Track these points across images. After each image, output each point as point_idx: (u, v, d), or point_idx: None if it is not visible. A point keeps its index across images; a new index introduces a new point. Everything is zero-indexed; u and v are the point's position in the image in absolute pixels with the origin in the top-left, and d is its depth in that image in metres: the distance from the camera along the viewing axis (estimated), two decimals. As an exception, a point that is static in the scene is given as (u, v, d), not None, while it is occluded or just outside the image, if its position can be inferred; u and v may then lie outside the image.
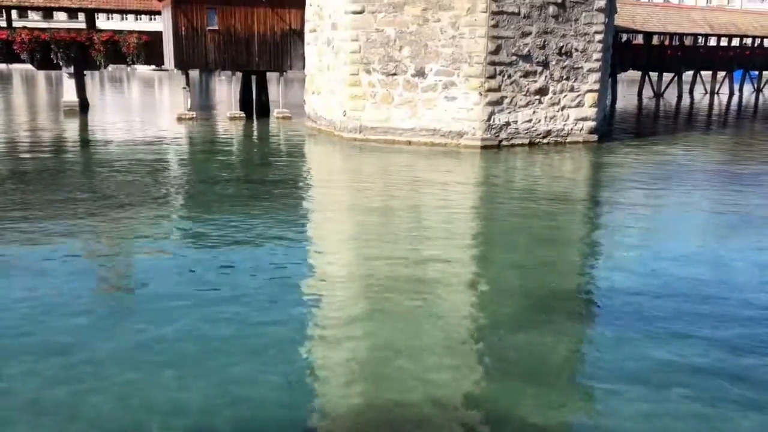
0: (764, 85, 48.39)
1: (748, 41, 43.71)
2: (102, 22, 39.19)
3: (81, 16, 35.42)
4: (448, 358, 6.16)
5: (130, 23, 60.91)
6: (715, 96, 43.23)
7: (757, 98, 43.22)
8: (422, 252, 9.32)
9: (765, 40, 43.31)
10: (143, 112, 31.06)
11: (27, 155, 17.15)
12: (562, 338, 6.69)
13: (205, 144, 19.86)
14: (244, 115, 25.17)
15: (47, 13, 54.81)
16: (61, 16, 57.56)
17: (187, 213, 11.58)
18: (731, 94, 44.75)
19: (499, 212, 12.16)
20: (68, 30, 25.39)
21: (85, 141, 20.08)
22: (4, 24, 25.92)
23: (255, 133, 22.87)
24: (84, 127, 23.09)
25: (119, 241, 9.64)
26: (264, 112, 26.64)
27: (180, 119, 24.28)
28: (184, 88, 24.75)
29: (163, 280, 8.01)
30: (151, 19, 47.16)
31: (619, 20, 28.90)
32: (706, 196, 13.77)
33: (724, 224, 11.60)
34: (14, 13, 27.72)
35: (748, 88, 48.02)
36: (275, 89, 27.13)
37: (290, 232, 10.37)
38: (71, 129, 22.50)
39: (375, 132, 19.25)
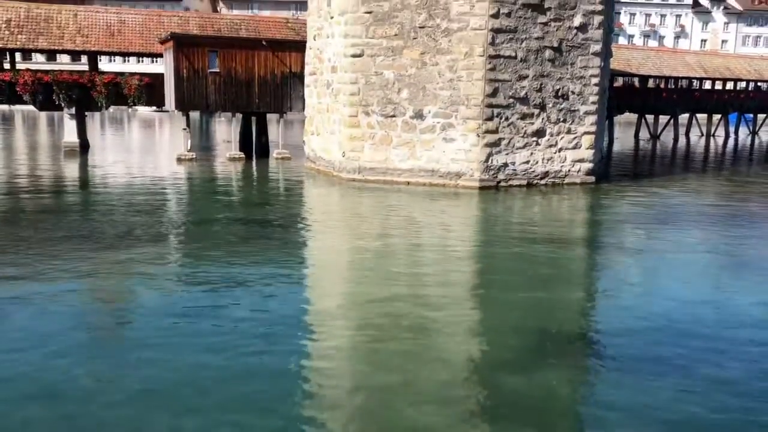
0: (759, 127, 48.88)
1: (742, 84, 44.33)
2: (104, 64, 39.76)
3: (84, 59, 35.89)
4: (445, 401, 6.06)
5: (132, 65, 61.76)
6: (712, 138, 43.62)
7: (752, 141, 43.60)
8: (420, 292, 9.26)
9: (758, 83, 43.92)
10: (143, 152, 31.24)
11: (26, 195, 17.17)
12: (561, 380, 6.59)
13: (204, 184, 19.92)
14: (243, 155, 25.32)
15: (51, 55, 55.52)
16: (64, 58, 58.33)
17: (183, 252, 11.54)
18: (727, 136, 45.20)
19: (497, 253, 12.13)
20: (71, 72, 25.71)
21: (84, 181, 20.14)
22: (8, 66, 26.28)
23: (254, 173, 22.97)
24: (84, 167, 23.18)
25: (114, 279, 9.58)
26: (264, 152, 26.82)
27: (180, 160, 24.40)
28: (184, 129, 24.94)
29: (157, 318, 7.94)
30: (153, 62, 47.79)
31: (615, 64, 29.33)
32: (704, 238, 13.77)
33: (723, 265, 11.57)
34: (18, 56, 28.06)
35: (743, 131, 48.51)
36: (275, 130, 27.35)
37: (287, 271, 10.32)
38: (71, 169, 22.59)
39: (374, 173, 19.34)
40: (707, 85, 42.48)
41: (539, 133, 19.24)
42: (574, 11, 19.12)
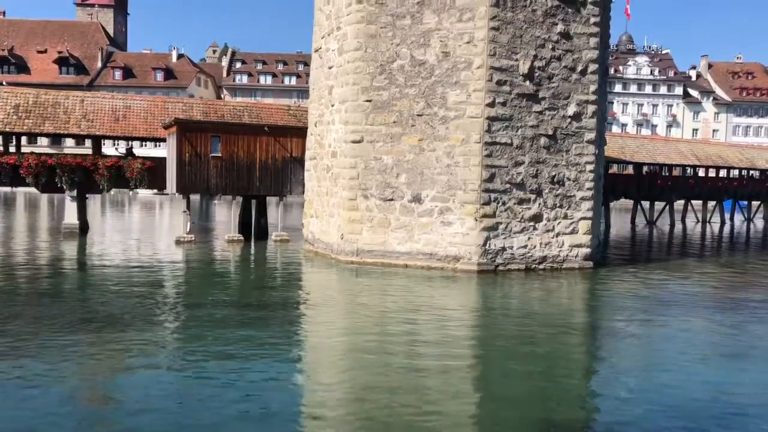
0: (754, 214, 49.36)
1: (735, 172, 45.12)
2: (108, 149, 40.41)
3: (88, 142, 36.57)
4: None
5: (135, 149, 62.79)
6: (708, 224, 43.95)
7: (748, 227, 43.91)
8: (418, 382, 9.08)
9: (751, 171, 44.71)
10: (142, 234, 31.33)
11: (22, 275, 17.10)
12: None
13: (201, 267, 19.88)
14: (242, 237, 25.41)
15: (55, 138, 56.58)
16: (68, 141, 59.44)
17: (177, 336, 11.39)
18: (723, 222, 45.56)
19: (496, 340, 11.98)
20: (74, 155, 26.16)
21: (81, 263, 20.11)
22: (13, 149, 26.75)
23: (252, 255, 22.97)
24: (82, 249, 23.19)
25: (105, 363, 9.41)
26: (263, 235, 26.93)
27: (178, 242, 24.46)
28: (185, 211, 25.13)
29: (148, 402, 7.74)
30: (156, 146, 48.70)
31: (609, 151, 29.94)
32: (704, 325, 13.64)
33: (724, 353, 11.41)
34: (24, 139, 28.61)
35: (738, 217, 48.95)
36: (274, 213, 27.56)
37: (284, 356, 10.15)
38: (69, 251, 22.59)
39: (372, 255, 19.36)
40: (701, 173, 43.23)
41: (536, 218, 19.41)
42: (568, 101, 19.68)
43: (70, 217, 26.23)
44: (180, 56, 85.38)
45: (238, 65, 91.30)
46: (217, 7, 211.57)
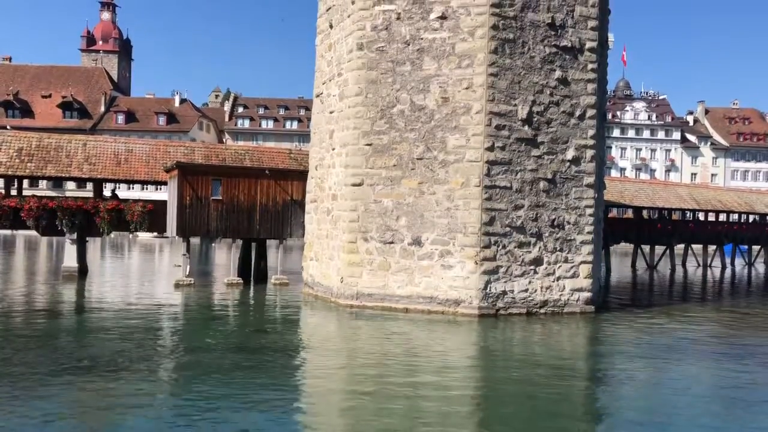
0: (755, 259, 49.24)
1: (734, 217, 45.19)
2: (109, 192, 40.72)
3: (89, 185, 36.73)
4: None
5: (136, 192, 63.13)
6: (708, 269, 43.80)
7: (749, 272, 43.75)
8: (418, 428, 8.92)
9: (750, 215, 44.81)
10: (141, 278, 31.20)
11: (19, 319, 16.97)
12: None
13: (200, 310, 19.74)
14: (241, 281, 25.29)
15: (57, 181, 56.88)
16: (69, 184, 59.70)
17: (174, 381, 11.23)
18: (724, 267, 45.41)
19: (498, 385, 11.82)
20: (75, 198, 26.24)
21: (79, 306, 19.98)
22: (15, 191, 26.83)
23: (252, 299, 22.83)
24: (81, 292, 23.07)
25: (101, 408, 9.26)
26: (262, 278, 26.82)
27: (178, 285, 24.34)
28: (184, 254, 25.08)
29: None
30: (157, 189, 48.89)
31: (609, 195, 30.04)
32: (707, 371, 13.47)
33: (728, 402, 11.24)
34: (25, 182, 28.72)
35: (739, 262, 48.82)
36: (274, 255, 27.49)
37: (282, 402, 10.00)
38: (68, 294, 22.47)
39: (372, 299, 19.24)
40: (700, 217, 43.31)
41: (537, 261, 19.35)
42: (567, 145, 19.83)
43: (70, 260, 26.16)
44: (183, 101, 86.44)
45: (240, 110, 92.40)
46: (220, 53, 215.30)
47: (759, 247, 48.93)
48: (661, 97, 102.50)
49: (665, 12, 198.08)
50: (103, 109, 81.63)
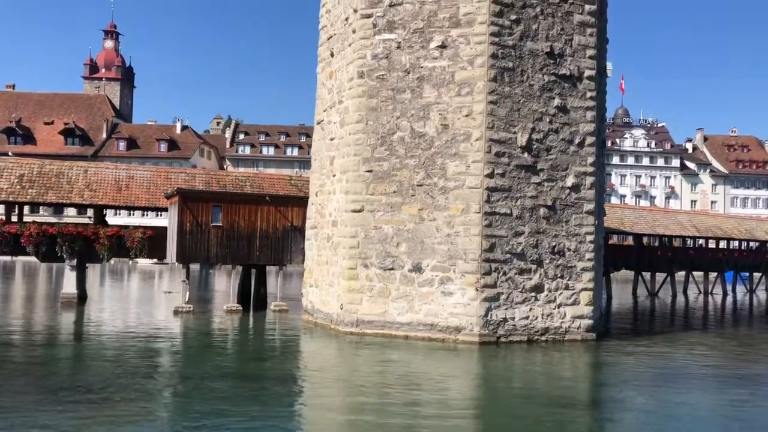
0: (756, 286, 49.06)
1: (735, 243, 45.11)
2: (110, 218, 40.71)
3: (90, 211, 36.77)
4: None
5: (137, 218, 63.14)
6: (710, 296, 43.63)
7: (751, 299, 43.57)
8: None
9: (750, 243, 44.75)
10: (140, 304, 31.08)
11: (17, 345, 16.86)
12: None
13: (199, 338, 19.62)
14: (241, 308, 25.18)
15: (57, 208, 57.03)
16: (70, 211, 59.80)
17: (172, 409, 11.12)
18: (725, 294, 45.23)
19: (499, 414, 11.70)
20: (76, 225, 26.24)
21: (77, 333, 19.87)
22: (15, 218, 26.86)
23: (251, 326, 22.71)
24: (79, 318, 22.96)
25: (100, 437, 9.16)
26: (262, 304, 26.70)
27: (177, 312, 24.22)
28: (184, 281, 25.00)
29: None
30: (157, 215, 48.91)
31: (609, 222, 30.03)
32: (711, 400, 13.35)
33: (731, 427, 11.12)
34: (26, 208, 28.77)
35: (740, 289, 48.64)
36: (274, 282, 27.41)
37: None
38: (66, 320, 22.36)
39: (372, 326, 19.13)
40: (701, 243, 43.23)
41: (537, 288, 19.28)
42: (567, 172, 19.89)
43: (69, 286, 26.07)
44: (184, 127, 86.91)
45: (242, 136, 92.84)
46: (221, 80, 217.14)
47: (760, 274, 48.77)
48: (660, 125, 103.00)
49: (662, 42, 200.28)
50: (104, 135, 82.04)
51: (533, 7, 19.54)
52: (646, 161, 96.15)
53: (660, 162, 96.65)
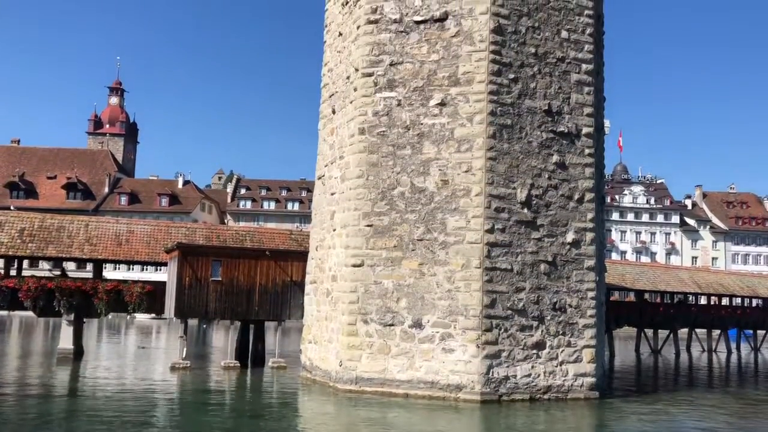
0: (761, 344, 48.40)
1: (737, 300, 44.79)
2: (109, 272, 40.59)
3: (89, 266, 36.64)
4: None
5: (136, 273, 62.99)
6: (714, 354, 43.07)
7: (756, 357, 42.98)
8: None
9: (753, 299, 44.44)
10: (137, 360, 30.66)
11: (10, 403, 16.55)
12: None
13: (196, 395, 19.29)
14: (238, 364, 24.83)
15: (56, 262, 56.88)
16: (69, 265, 59.62)
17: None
18: (729, 352, 44.64)
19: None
20: (74, 279, 26.13)
21: (72, 390, 19.54)
22: (14, 272, 26.77)
23: (248, 383, 22.34)
24: (75, 375, 22.61)
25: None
26: (260, 361, 26.32)
27: (174, 368, 23.88)
28: (181, 336, 24.75)
29: None
30: (157, 270, 48.80)
31: (610, 278, 29.92)
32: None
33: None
34: (26, 262, 28.69)
35: (745, 347, 48.04)
36: (272, 338, 27.10)
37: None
38: (61, 377, 22.02)
39: (371, 384, 18.80)
40: (703, 300, 42.95)
41: (539, 345, 19.04)
42: (567, 228, 19.91)
43: (65, 341, 25.77)
44: (186, 182, 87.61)
45: (243, 191, 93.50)
46: (224, 135, 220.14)
47: (764, 332, 48.23)
48: (659, 181, 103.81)
49: (660, 99, 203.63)
50: (106, 190, 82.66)
51: (531, 67, 19.93)
52: (645, 217, 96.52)
53: (660, 218, 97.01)
